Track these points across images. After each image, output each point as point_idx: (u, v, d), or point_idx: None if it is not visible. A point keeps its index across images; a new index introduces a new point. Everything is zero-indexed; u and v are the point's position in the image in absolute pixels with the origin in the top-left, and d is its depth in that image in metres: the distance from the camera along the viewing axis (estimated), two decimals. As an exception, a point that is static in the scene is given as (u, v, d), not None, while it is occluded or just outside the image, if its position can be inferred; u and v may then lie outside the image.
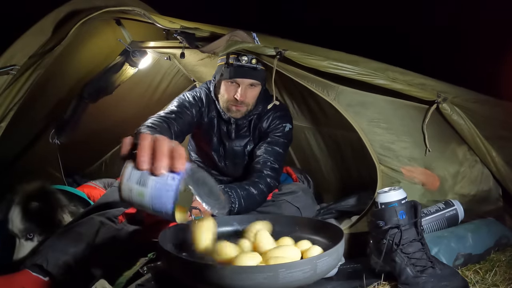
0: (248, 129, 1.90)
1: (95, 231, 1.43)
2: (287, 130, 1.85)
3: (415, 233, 1.29)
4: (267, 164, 1.72)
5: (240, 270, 0.92)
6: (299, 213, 1.67)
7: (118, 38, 2.04)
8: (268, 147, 1.78)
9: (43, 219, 1.59)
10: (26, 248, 1.55)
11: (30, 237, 1.56)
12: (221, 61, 1.77)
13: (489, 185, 1.74)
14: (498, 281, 1.28)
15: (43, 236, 1.57)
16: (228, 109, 1.79)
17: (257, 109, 1.84)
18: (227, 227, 1.26)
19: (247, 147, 1.90)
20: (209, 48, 1.56)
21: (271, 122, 1.85)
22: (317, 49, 1.62)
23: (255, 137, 1.90)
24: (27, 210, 1.57)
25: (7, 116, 1.45)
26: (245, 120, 1.85)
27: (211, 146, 1.93)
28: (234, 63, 1.69)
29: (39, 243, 1.56)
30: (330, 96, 1.62)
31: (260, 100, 1.83)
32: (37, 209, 1.59)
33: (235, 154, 1.92)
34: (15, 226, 1.55)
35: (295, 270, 0.90)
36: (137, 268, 1.33)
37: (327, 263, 0.96)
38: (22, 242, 1.56)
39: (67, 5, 1.65)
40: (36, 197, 1.61)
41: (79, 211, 1.70)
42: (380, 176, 1.63)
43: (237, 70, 1.70)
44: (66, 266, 1.32)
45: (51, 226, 1.59)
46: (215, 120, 1.87)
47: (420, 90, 1.60)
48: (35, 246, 1.55)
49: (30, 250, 1.54)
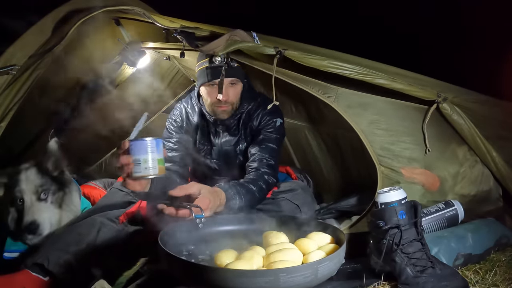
0: (237, 128, 1.88)
1: (96, 231, 1.43)
2: (279, 125, 1.83)
3: (415, 233, 1.29)
4: (263, 162, 1.71)
5: (242, 273, 0.92)
6: (299, 211, 1.67)
7: (117, 38, 2.04)
8: (262, 145, 1.77)
9: (58, 180, 1.63)
10: (38, 209, 1.54)
11: (44, 197, 1.57)
12: (198, 66, 1.77)
13: (489, 185, 1.74)
14: (498, 281, 1.28)
15: (56, 197, 1.59)
16: (214, 112, 1.79)
17: (242, 107, 1.82)
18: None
19: (238, 145, 1.89)
20: (208, 48, 1.56)
21: (261, 119, 1.83)
22: (317, 49, 1.62)
23: (246, 135, 1.88)
24: (42, 168, 1.60)
25: (7, 116, 1.46)
26: (231, 120, 1.83)
27: (201, 150, 1.93)
28: (209, 65, 1.69)
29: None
30: (329, 98, 1.62)
31: (245, 98, 1.82)
32: (54, 169, 1.64)
33: (226, 154, 1.91)
34: (30, 183, 1.55)
35: (296, 275, 0.90)
36: (137, 268, 1.33)
37: (328, 267, 0.96)
38: (34, 202, 1.55)
39: (66, 5, 1.65)
40: (56, 159, 1.66)
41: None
42: (380, 176, 1.63)
43: (214, 72, 1.68)
44: (67, 265, 1.33)
45: (64, 187, 1.63)
46: (199, 126, 1.89)
47: (420, 90, 1.59)
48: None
49: (44, 211, 1.55)
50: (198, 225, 1.27)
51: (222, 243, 1.22)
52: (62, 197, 1.64)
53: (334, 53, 1.62)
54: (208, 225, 1.30)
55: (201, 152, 1.93)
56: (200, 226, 1.28)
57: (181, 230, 1.23)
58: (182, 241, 1.21)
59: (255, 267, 1.01)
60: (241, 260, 1.04)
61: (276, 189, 1.77)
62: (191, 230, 1.26)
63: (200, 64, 1.74)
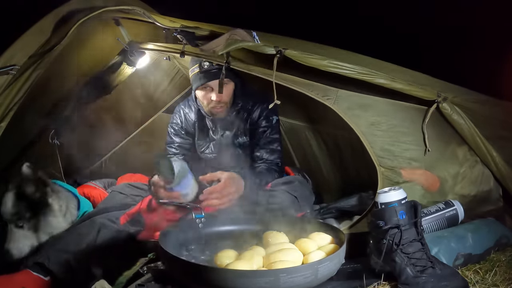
0: (235, 122, 1.99)
1: (96, 232, 1.44)
2: (275, 123, 1.97)
3: (415, 233, 1.29)
4: (272, 162, 1.89)
5: (242, 274, 0.92)
6: (297, 202, 1.67)
7: (117, 38, 2.03)
8: (267, 149, 1.92)
9: (33, 205, 1.59)
10: (17, 236, 1.54)
11: (20, 225, 1.56)
12: (191, 72, 1.89)
13: (489, 185, 1.74)
14: (498, 281, 1.28)
15: (32, 223, 1.56)
16: (212, 113, 1.94)
17: (237, 104, 1.95)
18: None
19: (237, 138, 2.00)
20: (209, 47, 1.56)
21: (260, 113, 1.96)
22: (317, 47, 1.61)
23: (245, 129, 1.99)
24: (18, 195, 1.57)
25: (7, 116, 1.45)
26: (228, 116, 1.96)
27: (201, 145, 2.05)
28: (200, 70, 1.80)
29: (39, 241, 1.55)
30: (329, 100, 1.62)
31: (239, 95, 1.94)
32: (29, 194, 1.59)
33: (225, 148, 2.01)
34: (7, 209, 1.55)
35: (296, 275, 0.90)
36: (137, 268, 1.33)
37: (328, 268, 0.97)
38: (13, 229, 1.55)
39: (66, 5, 1.64)
40: (29, 184, 1.61)
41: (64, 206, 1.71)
42: (380, 177, 1.63)
43: (205, 76, 1.80)
44: (67, 264, 1.34)
45: (39, 212, 1.59)
46: (198, 123, 2.04)
47: (420, 89, 1.59)
48: (27, 235, 1.55)
49: (22, 238, 1.53)
50: (198, 225, 1.27)
51: (222, 243, 1.22)
52: (38, 222, 1.59)
53: (335, 50, 1.62)
54: (208, 225, 1.31)
55: (201, 147, 2.06)
56: (200, 226, 1.28)
57: (181, 230, 1.24)
58: (182, 241, 1.21)
59: (255, 267, 1.01)
60: (241, 260, 1.05)
61: (274, 181, 1.79)
62: (191, 230, 1.26)
63: (193, 70, 1.87)
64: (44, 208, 1.61)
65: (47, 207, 1.62)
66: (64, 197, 1.73)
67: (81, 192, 2.07)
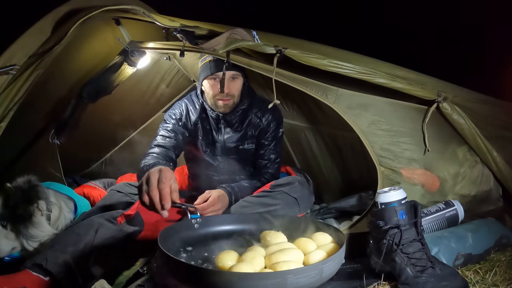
0: (240, 125, 1.95)
1: (94, 232, 1.44)
2: (280, 135, 2.01)
3: (415, 233, 1.29)
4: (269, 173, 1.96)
5: (249, 276, 0.92)
6: (297, 203, 1.68)
7: (117, 38, 2.03)
8: (268, 159, 1.97)
9: (18, 209, 1.56)
10: (0, 235, 1.53)
11: (3, 224, 1.55)
12: (201, 61, 1.86)
13: (489, 185, 1.74)
14: (498, 281, 1.27)
15: (15, 225, 1.55)
16: (216, 105, 1.87)
17: (243, 103, 1.91)
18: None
19: (242, 144, 1.96)
20: (209, 46, 1.56)
21: (271, 123, 1.96)
22: (317, 46, 1.61)
23: (252, 136, 1.96)
24: (5, 198, 1.56)
25: (7, 116, 1.45)
26: (233, 116, 1.91)
27: (204, 147, 1.99)
28: (212, 58, 1.78)
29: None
30: (329, 99, 1.62)
31: (245, 95, 1.92)
32: (15, 198, 1.57)
33: (229, 151, 1.98)
34: None
35: (302, 276, 0.90)
36: (137, 268, 1.33)
37: (332, 267, 0.97)
38: None
39: (66, 4, 1.64)
40: (18, 188, 1.59)
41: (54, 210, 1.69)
42: (380, 177, 1.63)
43: (217, 65, 1.78)
44: (65, 264, 1.33)
45: (22, 217, 1.57)
46: (200, 122, 1.97)
47: (420, 89, 1.59)
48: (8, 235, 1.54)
49: (3, 238, 1.53)
50: (194, 225, 1.27)
51: (220, 244, 1.22)
52: (20, 230, 1.56)
53: (335, 50, 1.61)
54: (204, 225, 1.30)
55: (204, 149, 1.99)
56: (196, 227, 1.28)
57: (178, 231, 1.23)
58: (180, 242, 1.21)
59: (258, 269, 1.01)
60: (244, 262, 1.04)
61: (273, 183, 1.79)
62: (187, 230, 1.26)
63: (204, 59, 1.83)
64: (28, 221, 1.57)
65: (31, 219, 1.58)
66: (57, 203, 1.70)
67: (81, 192, 2.07)
